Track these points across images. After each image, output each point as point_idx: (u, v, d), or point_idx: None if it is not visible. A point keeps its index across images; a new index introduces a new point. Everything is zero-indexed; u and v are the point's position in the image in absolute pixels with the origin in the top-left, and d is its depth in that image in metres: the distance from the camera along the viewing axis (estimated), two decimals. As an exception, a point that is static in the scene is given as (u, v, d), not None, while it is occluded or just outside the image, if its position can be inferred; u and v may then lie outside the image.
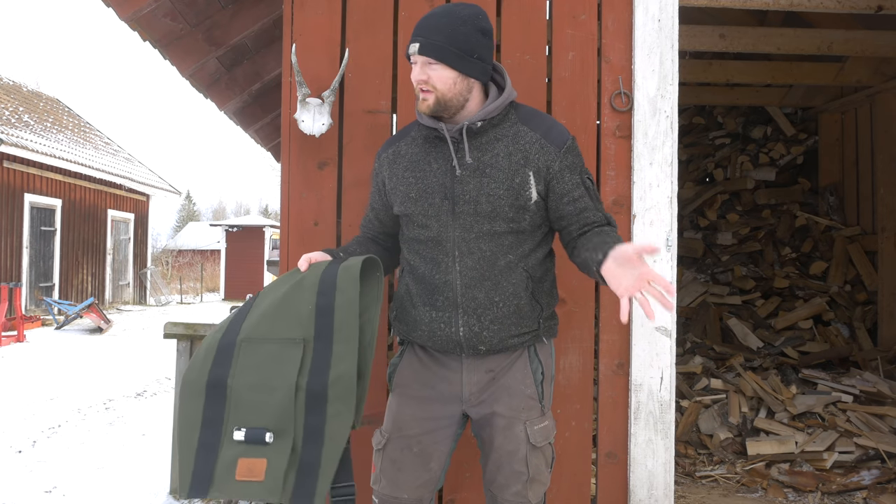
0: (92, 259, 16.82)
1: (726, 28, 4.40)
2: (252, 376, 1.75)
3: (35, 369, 8.30)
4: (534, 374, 1.95)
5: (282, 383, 1.73)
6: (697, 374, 4.69)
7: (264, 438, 1.69)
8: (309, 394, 1.73)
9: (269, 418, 1.71)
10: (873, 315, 5.49)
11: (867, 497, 3.53)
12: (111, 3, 2.78)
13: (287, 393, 1.72)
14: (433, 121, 1.88)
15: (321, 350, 1.77)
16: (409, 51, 1.85)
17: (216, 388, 1.75)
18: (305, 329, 1.79)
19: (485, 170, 1.85)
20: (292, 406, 1.72)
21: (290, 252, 2.58)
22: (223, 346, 1.80)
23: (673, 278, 2.54)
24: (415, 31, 1.84)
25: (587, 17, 2.59)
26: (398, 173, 1.95)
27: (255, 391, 1.73)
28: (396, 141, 2.02)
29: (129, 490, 3.96)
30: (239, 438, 1.69)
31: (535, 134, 1.88)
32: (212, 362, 1.78)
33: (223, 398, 1.74)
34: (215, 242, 28.86)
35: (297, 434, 1.72)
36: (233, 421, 1.72)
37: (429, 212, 1.89)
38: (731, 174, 6.38)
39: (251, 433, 1.70)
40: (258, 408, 1.72)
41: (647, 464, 2.54)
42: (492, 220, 1.86)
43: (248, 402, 1.73)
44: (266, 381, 1.74)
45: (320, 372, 1.75)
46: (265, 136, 5.37)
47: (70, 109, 19.94)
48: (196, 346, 3.81)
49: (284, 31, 2.59)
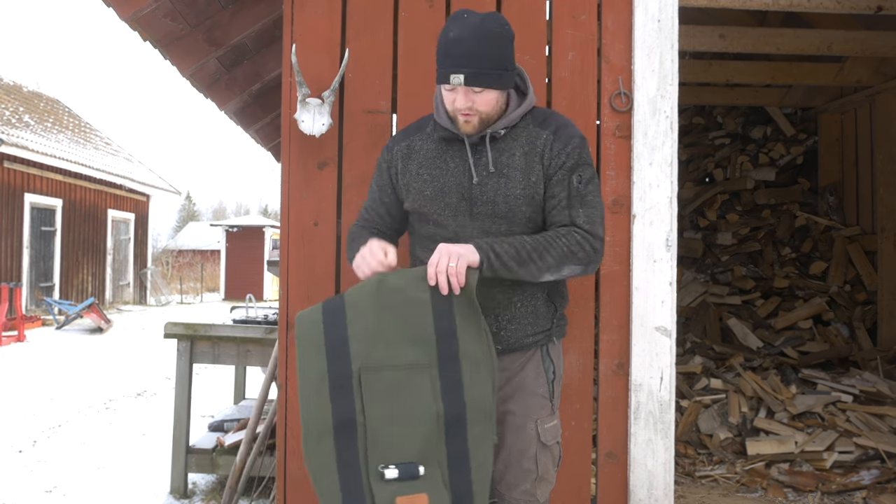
0: (92, 259, 16.82)
1: (726, 28, 4.40)
2: (384, 409, 1.66)
3: (35, 369, 8.30)
4: (546, 374, 1.97)
5: (420, 412, 1.66)
6: (697, 374, 4.69)
7: (418, 472, 1.64)
8: (447, 420, 1.67)
9: (413, 451, 1.65)
10: (873, 315, 5.49)
11: (867, 497, 3.53)
12: (111, 3, 2.78)
13: (428, 421, 1.66)
14: (452, 125, 1.88)
15: (449, 373, 1.69)
16: (451, 80, 1.78)
17: (345, 427, 1.66)
18: (427, 352, 1.70)
19: (502, 170, 1.87)
20: (434, 435, 1.66)
21: (290, 252, 2.58)
22: (337, 378, 1.68)
23: (673, 278, 2.55)
24: (453, 59, 1.77)
25: (587, 17, 2.59)
26: (412, 169, 1.95)
27: (393, 424, 1.66)
28: (410, 135, 2.00)
29: (129, 490, 3.96)
30: (392, 476, 1.63)
31: (546, 132, 1.90)
32: (329, 398, 1.67)
33: (355, 436, 1.65)
34: (215, 242, 28.84)
35: (442, 462, 1.67)
36: (374, 459, 1.65)
37: (445, 211, 1.89)
38: (730, 174, 6.38)
39: (404, 469, 1.64)
40: (399, 441, 1.65)
41: (647, 464, 2.54)
42: (510, 221, 1.88)
43: (386, 437, 1.65)
44: (401, 411, 1.66)
45: (454, 396, 1.68)
46: (265, 136, 5.37)
47: (70, 109, 19.93)
48: (196, 346, 3.81)
49: (284, 31, 2.59)
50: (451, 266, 1.70)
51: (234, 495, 3.17)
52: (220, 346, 3.81)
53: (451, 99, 1.83)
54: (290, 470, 2.57)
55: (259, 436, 3.26)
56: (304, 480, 2.58)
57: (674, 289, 2.55)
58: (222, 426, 4.06)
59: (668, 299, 2.54)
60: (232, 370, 5.82)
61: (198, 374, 7.57)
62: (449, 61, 1.78)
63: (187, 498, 3.76)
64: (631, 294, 2.55)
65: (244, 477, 3.20)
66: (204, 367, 8.16)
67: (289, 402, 2.57)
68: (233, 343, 3.80)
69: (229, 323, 4.00)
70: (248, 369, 5.52)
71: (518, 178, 1.86)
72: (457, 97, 1.81)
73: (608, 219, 2.58)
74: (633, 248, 2.56)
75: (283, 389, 2.57)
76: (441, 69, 1.81)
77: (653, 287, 2.54)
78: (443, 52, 1.81)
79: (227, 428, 4.03)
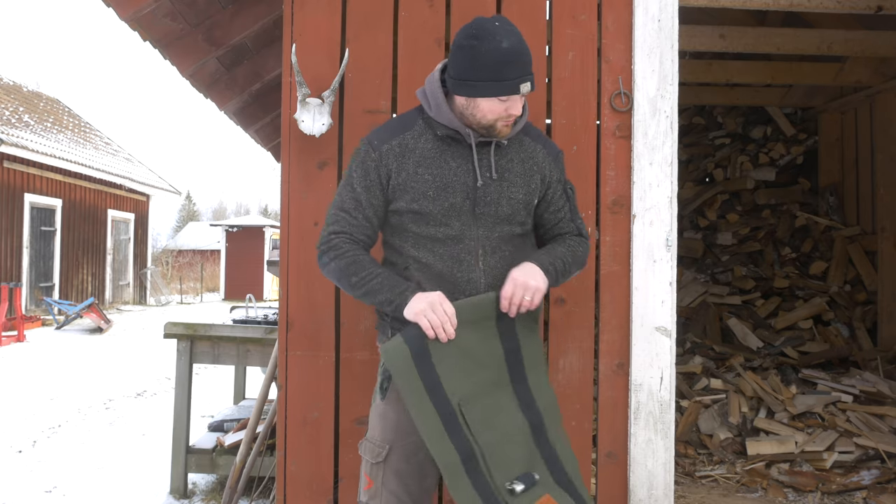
0: (92, 259, 16.82)
1: (726, 28, 4.40)
2: (490, 434, 1.80)
3: (35, 369, 8.30)
4: None
5: (515, 427, 1.83)
6: (697, 374, 4.69)
7: (535, 479, 1.79)
8: (532, 428, 1.85)
9: (523, 462, 1.81)
10: (873, 315, 5.49)
11: (867, 497, 3.53)
12: (111, 3, 2.78)
13: (523, 433, 1.83)
14: (460, 125, 1.89)
15: (522, 389, 1.88)
16: (521, 90, 1.82)
17: (470, 461, 1.79)
18: (500, 372, 1.87)
19: (504, 175, 1.92)
20: (531, 443, 1.84)
21: (290, 252, 2.58)
22: (446, 415, 1.80)
23: (673, 278, 2.55)
24: (521, 68, 1.81)
25: (587, 17, 2.59)
26: (408, 168, 1.89)
27: (501, 444, 1.80)
28: (398, 133, 1.93)
29: (129, 490, 3.96)
30: (520, 489, 1.77)
31: (536, 144, 2.01)
32: (447, 436, 1.79)
33: (479, 466, 1.79)
34: (215, 242, 28.84)
35: (540, 465, 1.84)
36: (500, 479, 1.78)
37: (450, 211, 1.89)
38: (731, 174, 6.38)
39: (526, 479, 1.78)
40: (511, 457, 1.80)
41: (647, 464, 2.54)
42: (510, 222, 1.94)
43: (500, 457, 1.79)
44: (502, 430, 1.82)
45: (532, 408, 1.87)
46: (265, 136, 5.37)
47: (70, 109, 19.94)
48: (196, 346, 3.81)
49: (284, 31, 2.59)
50: (527, 301, 1.85)
51: (234, 495, 3.17)
52: (220, 346, 3.81)
53: (503, 108, 1.84)
54: (290, 470, 2.57)
55: (259, 436, 3.26)
56: (305, 480, 2.58)
57: (674, 289, 2.55)
58: (222, 426, 4.05)
59: (668, 299, 2.54)
60: (232, 370, 5.81)
61: (198, 374, 7.58)
62: (516, 71, 1.80)
63: (187, 498, 3.75)
64: (631, 294, 2.56)
65: (244, 477, 3.20)
66: (204, 367, 8.16)
67: (289, 402, 2.57)
68: (233, 343, 3.80)
69: (229, 323, 4.00)
70: (248, 369, 5.51)
71: (519, 184, 1.94)
72: (512, 105, 1.85)
73: (608, 219, 2.58)
74: (633, 248, 2.56)
75: (283, 389, 2.57)
76: (505, 81, 1.80)
77: (653, 287, 2.55)
78: (504, 62, 1.79)
79: (227, 428, 4.02)
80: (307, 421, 2.57)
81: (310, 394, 2.57)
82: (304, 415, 2.57)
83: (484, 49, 1.78)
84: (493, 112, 1.84)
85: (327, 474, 2.58)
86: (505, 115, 1.85)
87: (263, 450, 3.30)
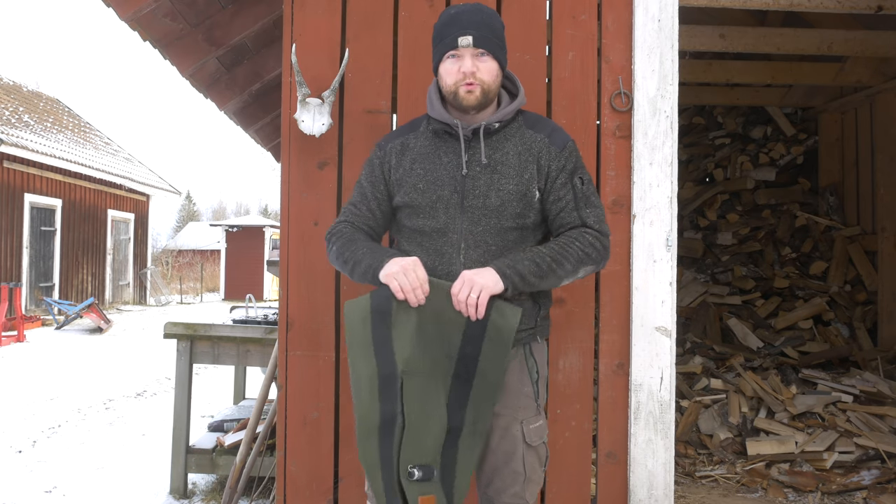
0: (92, 259, 16.82)
1: (726, 28, 4.40)
2: (417, 414, 1.77)
3: (35, 369, 8.30)
4: (530, 373, 1.96)
5: (438, 419, 1.78)
6: (697, 374, 4.69)
7: (433, 475, 1.76)
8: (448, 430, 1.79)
9: (431, 454, 1.77)
10: (873, 315, 5.49)
11: (867, 497, 3.53)
12: (111, 3, 2.78)
13: (441, 429, 1.78)
14: (448, 116, 1.92)
15: (462, 387, 1.81)
16: (459, 43, 1.86)
17: (387, 427, 1.76)
18: (448, 367, 1.81)
19: (496, 166, 1.91)
20: (442, 441, 1.78)
21: (290, 252, 2.58)
22: (386, 378, 1.77)
23: (673, 278, 2.54)
24: (459, 24, 1.87)
25: (587, 17, 2.59)
26: (405, 164, 1.97)
27: (422, 427, 1.77)
28: (405, 133, 2.03)
29: (129, 490, 3.96)
30: (417, 477, 1.74)
31: (540, 135, 1.96)
32: (379, 399, 1.77)
33: (392, 436, 1.76)
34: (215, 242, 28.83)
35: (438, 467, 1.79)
36: (405, 459, 1.75)
37: (437, 203, 1.90)
38: (731, 174, 6.38)
39: (424, 471, 1.75)
40: (424, 444, 1.76)
41: (647, 464, 2.54)
42: (500, 215, 1.90)
43: (415, 439, 1.76)
44: (428, 417, 1.77)
45: (457, 411, 1.80)
46: (265, 136, 5.37)
47: (70, 109, 19.94)
48: (196, 346, 3.81)
49: (284, 31, 2.59)
50: (473, 297, 1.76)
51: (234, 495, 3.17)
52: (220, 346, 3.81)
53: (456, 68, 1.87)
54: (289, 470, 2.57)
55: (259, 436, 3.26)
56: (305, 480, 2.58)
57: (674, 289, 2.55)
58: (222, 426, 4.05)
59: (668, 299, 2.54)
60: (232, 370, 5.81)
61: (198, 374, 7.58)
62: (455, 28, 1.87)
63: (187, 498, 3.75)
64: (631, 294, 2.55)
65: (244, 477, 3.20)
66: (204, 367, 8.16)
67: (289, 402, 2.57)
68: (233, 343, 3.80)
69: (229, 323, 4.00)
70: (248, 369, 5.51)
71: (511, 175, 1.90)
72: (463, 62, 1.87)
73: (608, 219, 2.58)
74: (633, 248, 2.56)
75: (283, 389, 2.57)
76: (446, 38, 1.88)
77: (653, 287, 2.54)
78: (446, 24, 1.90)
79: (226, 428, 4.02)
80: (307, 421, 2.57)
81: (310, 394, 2.57)
82: (304, 415, 2.57)
83: (441, 17, 1.94)
84: (451, 74, 1.89)
85: (327, 474, 2.58)
86: (461, 77, 1.87)
87: (263, 450, 3.30)
